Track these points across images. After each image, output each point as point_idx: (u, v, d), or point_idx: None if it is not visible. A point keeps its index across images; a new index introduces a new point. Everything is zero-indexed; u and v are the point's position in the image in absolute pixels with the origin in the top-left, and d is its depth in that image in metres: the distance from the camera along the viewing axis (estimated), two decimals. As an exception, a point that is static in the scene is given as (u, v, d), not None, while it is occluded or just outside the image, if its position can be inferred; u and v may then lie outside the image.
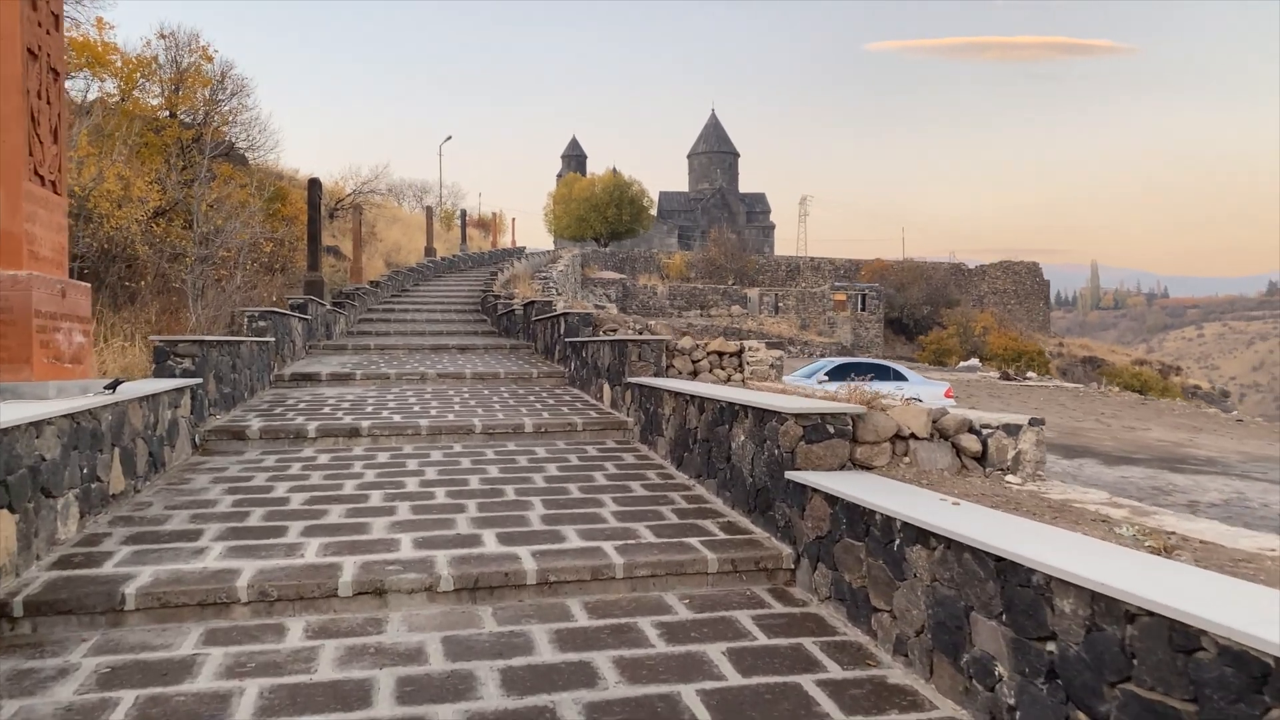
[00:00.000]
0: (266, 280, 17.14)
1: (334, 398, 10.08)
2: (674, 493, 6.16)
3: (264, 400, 9.82)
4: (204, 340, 7.80)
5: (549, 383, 11.87)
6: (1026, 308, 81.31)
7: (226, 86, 19.25)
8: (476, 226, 61.84)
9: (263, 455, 7.38)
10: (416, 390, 10.90)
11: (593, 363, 10.28)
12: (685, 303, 64.28)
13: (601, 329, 12.21)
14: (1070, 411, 27.19)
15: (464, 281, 32.36)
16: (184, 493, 6.03)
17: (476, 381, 11.79)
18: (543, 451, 7.65)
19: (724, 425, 5.83)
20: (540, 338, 14.95)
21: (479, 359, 14.06)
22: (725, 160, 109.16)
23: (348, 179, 38.75)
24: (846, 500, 4.12)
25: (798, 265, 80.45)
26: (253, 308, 11.33)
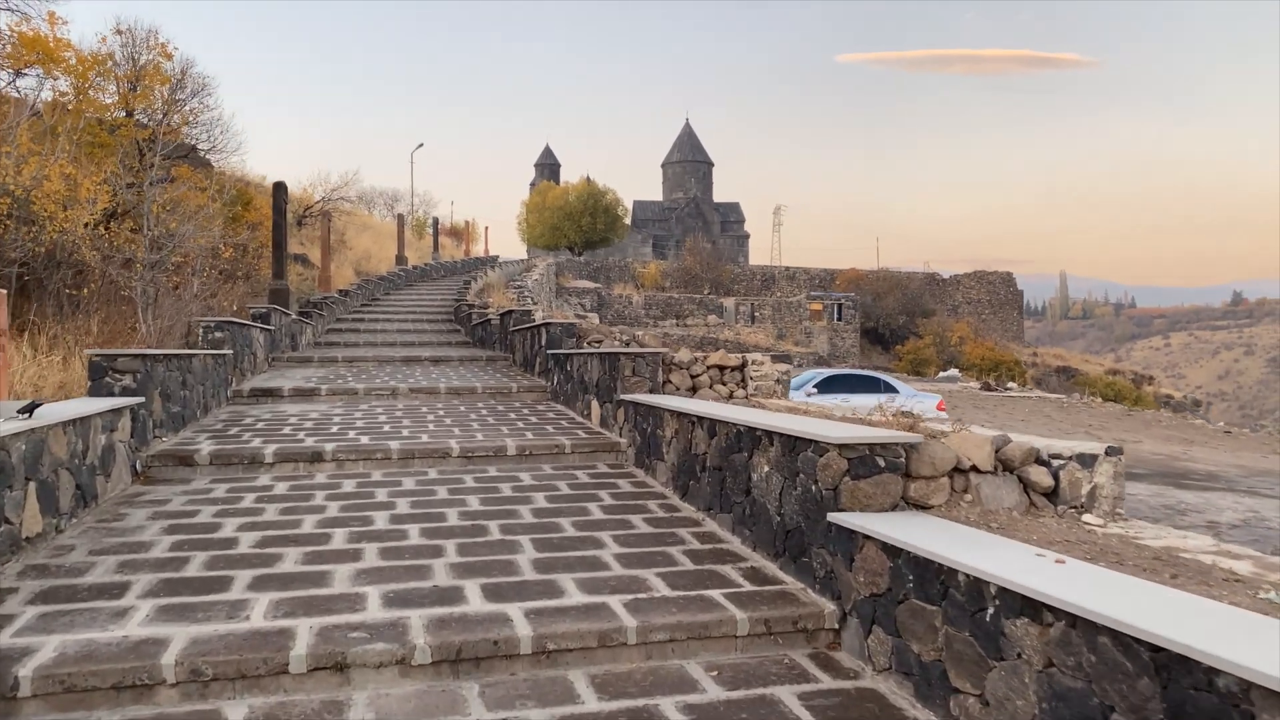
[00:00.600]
0: (228, 289, 16.21)
1: (296, 416, 9.22)
2: (682, 529, 5.40)
3: (219, 419, 8.94)
4: (147, 354, 6.94)
5: (530, 398, 11.08)
6: (1001, 317, 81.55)
7: (186, 85, 18.29)
8: (449, 235, 60.85)
9: (212, 484, 6.53)
10: (387, 407, 10.07)
11: (579, 377, 9.51)
12: (661, 312, 63.65)
13: (586, 340, 11.44)
14: (1057, 423, 26.75)
15: (436, 290, 31.46)
16: (115, 532, 5.18)
17: (452, 397, 10.96)
18: (528, 478, 6.86)
19: (741, 453, 5.07)
20: (519, 349, 14.15)
21: (454, 372, 13.23)
22: (699, 169, 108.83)
23: (316, 185, 37.68)
24: (915, 554, 3.39)
25: (773, 275, 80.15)
26: (209, 318, 10.44)
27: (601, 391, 8.43)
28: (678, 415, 6.25)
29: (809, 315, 63.91)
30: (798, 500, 4.35)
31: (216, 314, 14.02)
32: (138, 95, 16.83)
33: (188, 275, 12.69)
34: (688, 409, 6.02)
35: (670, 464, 6.40)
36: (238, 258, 20.12)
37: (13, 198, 10.28)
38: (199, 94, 18.71)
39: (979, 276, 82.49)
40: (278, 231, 18.52)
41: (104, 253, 11.11)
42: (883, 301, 70.38)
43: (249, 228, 21.90)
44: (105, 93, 17.35)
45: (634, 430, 7.38)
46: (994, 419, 27.20)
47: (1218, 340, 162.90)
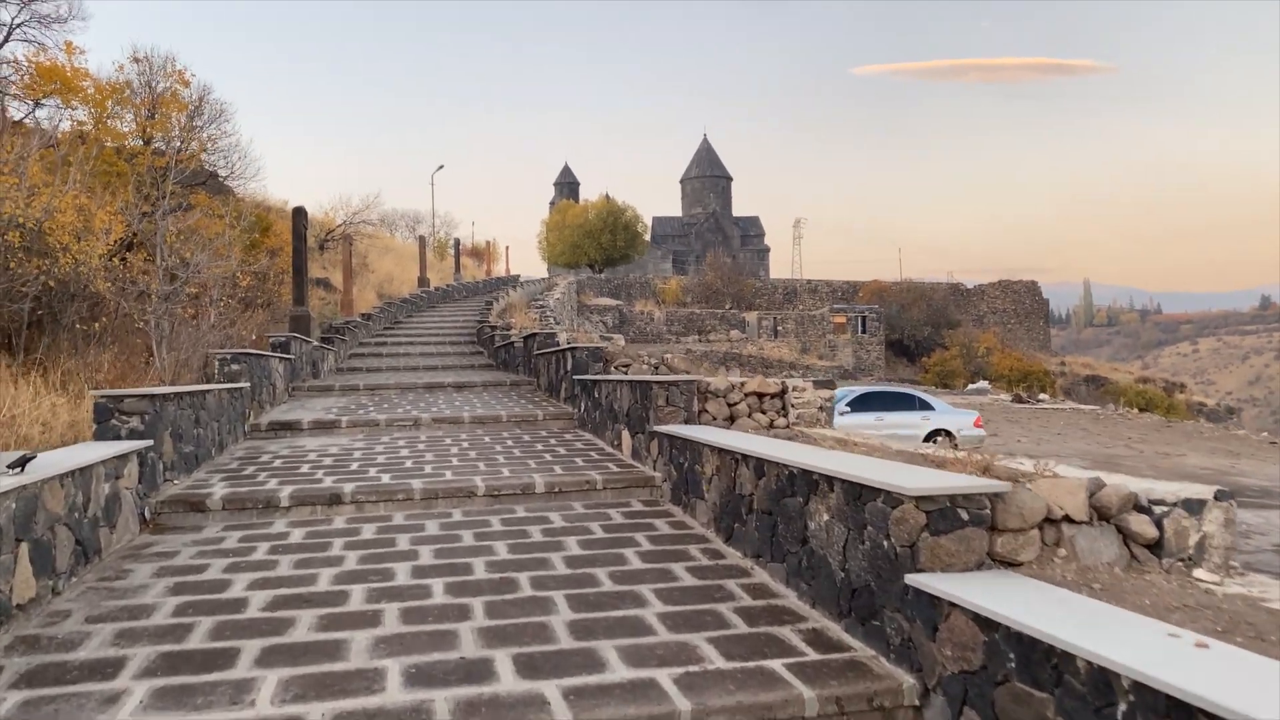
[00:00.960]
0: (247, 317, 15.94)
1: (315, 451, 8.84)
2: (730, 581, 4.93)
3: (234, 457, 8.57)
4: (155, 394, 6.57)
5: (556, 426, 10.65)
6: (1026, 327, 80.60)
7: (204, 111, 18.13)
8: (470, 255, 60.87)
9: (224, 532, 6.14)
10: (409, 439, 9.67)
11: (608, 405, 9.07)
12: (683, 328, 63.20)
13: (613, 364, 11.02)
14: (1095, 436, 25.99)
15: (459, 312, 31.22)
16: (116, 593, 4.79)
17: (476, 426, 10.56)
18: (559, 519, 6.42)
19: (795, 497, 4.61)
20: (543, 373, 13.75)
21: (477, 399, 12.85)
22: (718, 184, 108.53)
23: (338, 209, 37.65)
24: (1014, 630, 2.91)
25: (794, 288, 79.62)
26: (224, 350, 10.11)
27: (633, 421, 7.99)
28: (719, 451, 5.79)
29: (832, 328, 63.27)
30: (866, 556, 3.88)
31: (235, 344, 13.72)
32: (155, 123, 16.66)
33: (205, 305, 12.39)
34: (730, 445, 5.56)
35: (711, 503, 5.94)
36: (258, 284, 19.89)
37: (24, 230, 10.01)
38: (216, 120, 18.54)
39: (1004, 286, 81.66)
40: (298, 257, 18.26)
41: (120, 285, 10.83)
42: (907, 313, 69.67)
43: (269, 254, 21.70)
44: (123, 121, 17.20)
45: (669, 464, 6.93)
46: (1029, 433, 26.49)
47: (1247, 345, 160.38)
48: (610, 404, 8.96)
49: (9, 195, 10.01)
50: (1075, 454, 21.55)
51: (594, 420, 9.81)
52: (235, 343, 13.74)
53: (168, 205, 11.42)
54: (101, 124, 17.38)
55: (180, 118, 17.32)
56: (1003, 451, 17.77)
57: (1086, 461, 19.72)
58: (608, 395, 9.09)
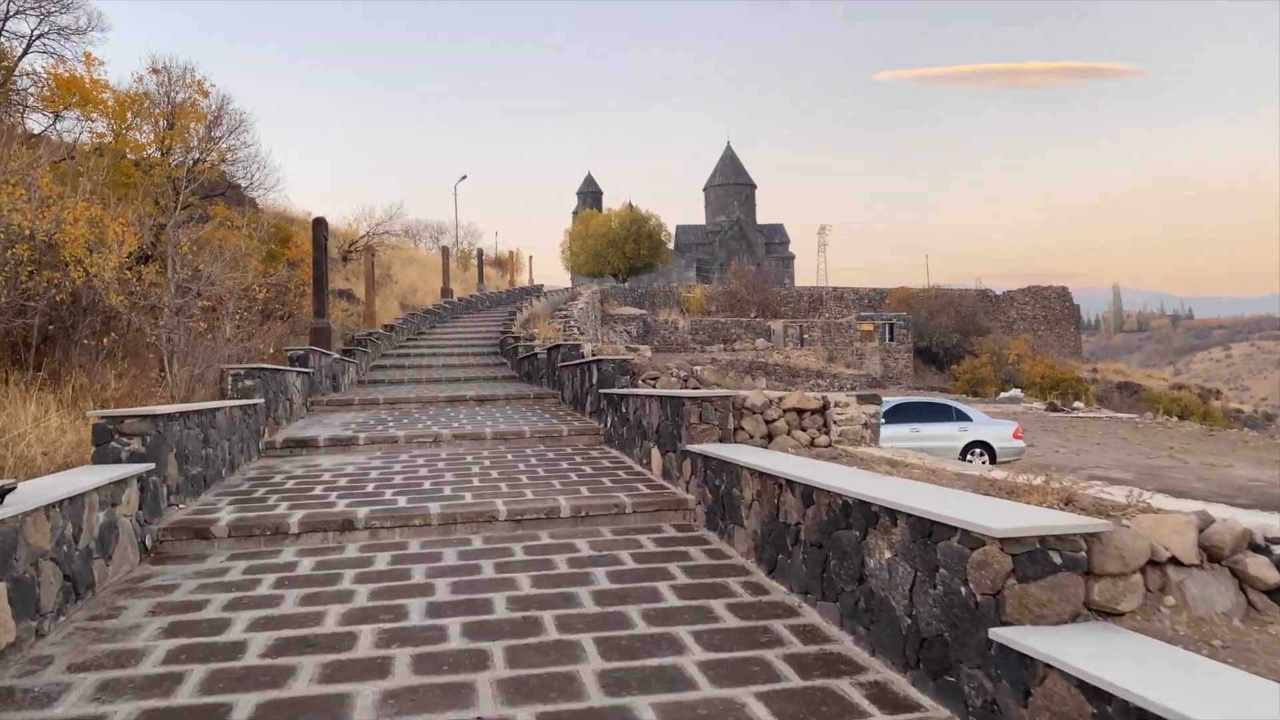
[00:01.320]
0: (265, 330, 15.66)
1: (330, 471, 8.46)
2: (776, 622, 4.46)
3: (246, 478, 8.20)
4: (158, 414, 6.20)
5: (582, 442, 10.22)
6: (1057, 333, 79.52)
7: (223, 122, 17.92)
8: (493, 265, 60.73)
9: (229, 562, 5.74)
10: (429, 457, 9.27)
11: (636, 421, 8.62)
12: (708, 337, 62.77)
13: (641, 377, 10.57)
14: (1136, 446, 25.24)
15: (482, 322, 30.93)
16: (105, 635, 4.39)
17: (498, 443, 10.14)
18: (586, 547, 5.97)
19: (850, 529, 4.14)
20: (568, 385, 13.33)
21: (500, 413, 12.44)
22: (742, 192, 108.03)
23: (361, 220, 37.57)
24: (1134, 705, 2.43)
25: (820, 296, 78.99)
26: (238, 365, 9.76)
27: (663, 439, 7.53)
28: (760, 475, 5.32)
29: (860, 336, 62.58)
30: (938, 602, 3.40)
31: (253, 358, 13.42)
32: (173, 133, 16.44)
33: (221, 318, 12.08)
34: (773, 468, 5.09)
35: (751, 531, 5.47)
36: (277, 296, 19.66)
37: (33, 243, 9.73)
38: (235, 130, 18.33)
39: (1033, 292, 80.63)
40: (318, 268, 17.98)
41: (134, 298, 10.53)
42: (935, 320, 68.83)
43: (289, 265, 21.48)
44: (141, 132, 17.02)
45: (703, 486, 6.46)
46: (1066, 443, 25.77)
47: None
48: (639, 420, 8.51)
49: (17, 207, 9.74)
50: (1116, 465, 20.85)
51: (621, 436, 9.36)
52: (253, 357, 13.44)
53: (178, 216, 11.08)
54: (121, 136, 17.22)
55: (199, 128, 17.11)
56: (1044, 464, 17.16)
57: (1130, 473, 19.04)
58: (636, 410, 8.65)
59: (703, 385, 10.59)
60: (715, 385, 10.65)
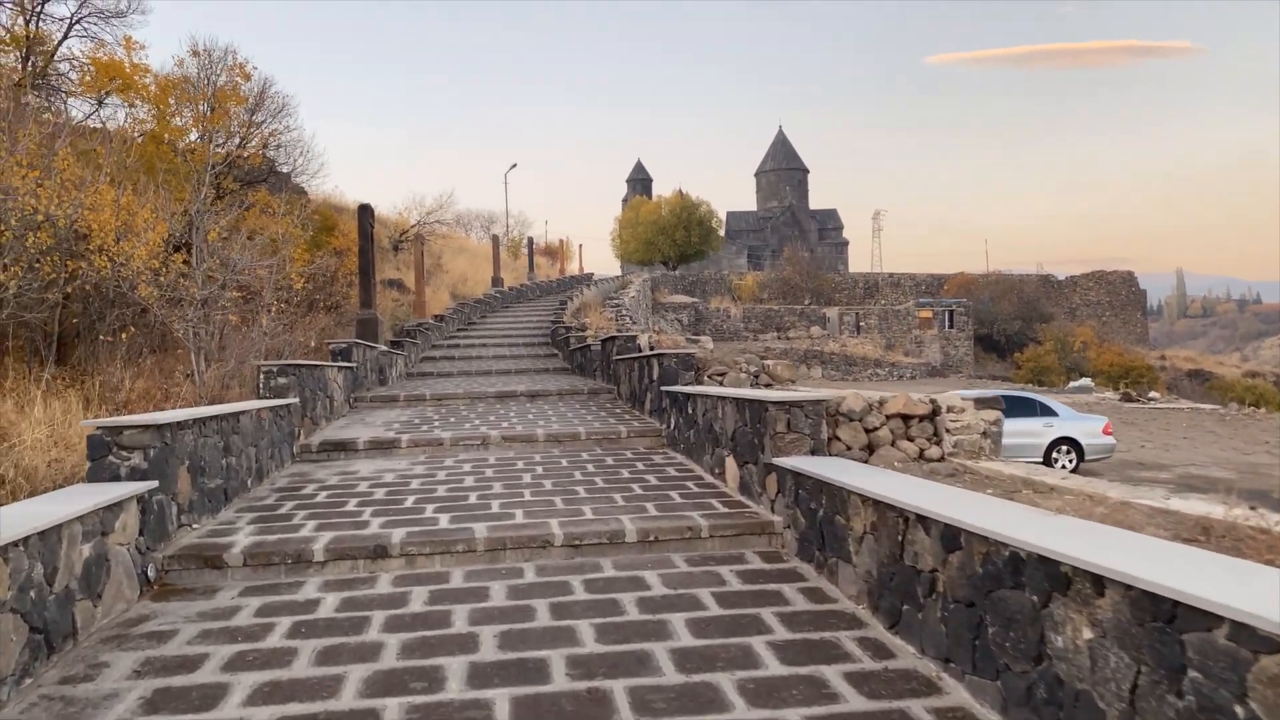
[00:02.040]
0: (308, 321, 14.97)
1: (368, 480, 7.62)
2: (915, 702, 3.45)
3: (274, 488, 7.40)
4: (163, 423, 5.38)
5: (643, 445, 9.28)
6: (1123, 319, 76.88)
7: (265, 105, 17.26)
8: (544, 254, 60.16)
9: (241, 599, 4.90)
10: (476, 463, 8.40)
11: (706, 424, 7.65)
12: (760, 325, 61.57)
13: (706, 373, 9.60)
14: (1229, 441, 23.58)
15: (532, 312, 30.18)
16: (73, 708, 3.55)
17: (551, 445, 9.25)
18: (657, 582, 5.02)
19: (1021, 590, 3.13)
20: (624, 380, 12.40)
21: (553, 411, 11.55)
22: (794, 177, 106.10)
23: (411, 209, 37.07)
24: None
25: (876, 282, 77.22)
26: (270, 362, 8.98)
27: (741, 448, 6.55)
28: (876, 504, 4.32)
29: (918, 323, 60.84)
30: (1185, 716, 2.38)
31: (294, 352, 12.70)
32: (213, 117, 15.81)
33: (257, 310, 11.35)
34: (896, 498, 4.08)
35: (863, 571, 4.47)
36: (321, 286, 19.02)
37: (55, 228, 9.05)
38: (278, 114, 17.67)
39: (1097, 277, 78.02)
40: (364, 257, 17.27)
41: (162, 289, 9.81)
42: (996, 307, 66.75)
43: (336, 254, 20.85)
44: (181, 117, 16.43)
45: (794, 508, 5.47)
46: (1150, 438, 24.20)
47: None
48: (709, 423, 7.53)
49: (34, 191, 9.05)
50: (1213, 462, 19.31)
51: (686, 440, 8.39)
52: (294, 351, 12.73)
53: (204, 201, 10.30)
54: (163, 121, 16.66)
55: (240, 111, 16.47)
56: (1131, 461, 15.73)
57: (1229, 471, 17.56)
58: (705, 413, 7.67)
59: (775, 382, 9.58)
60: (789, 382, 9.64)
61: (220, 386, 10.31)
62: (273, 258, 11.62)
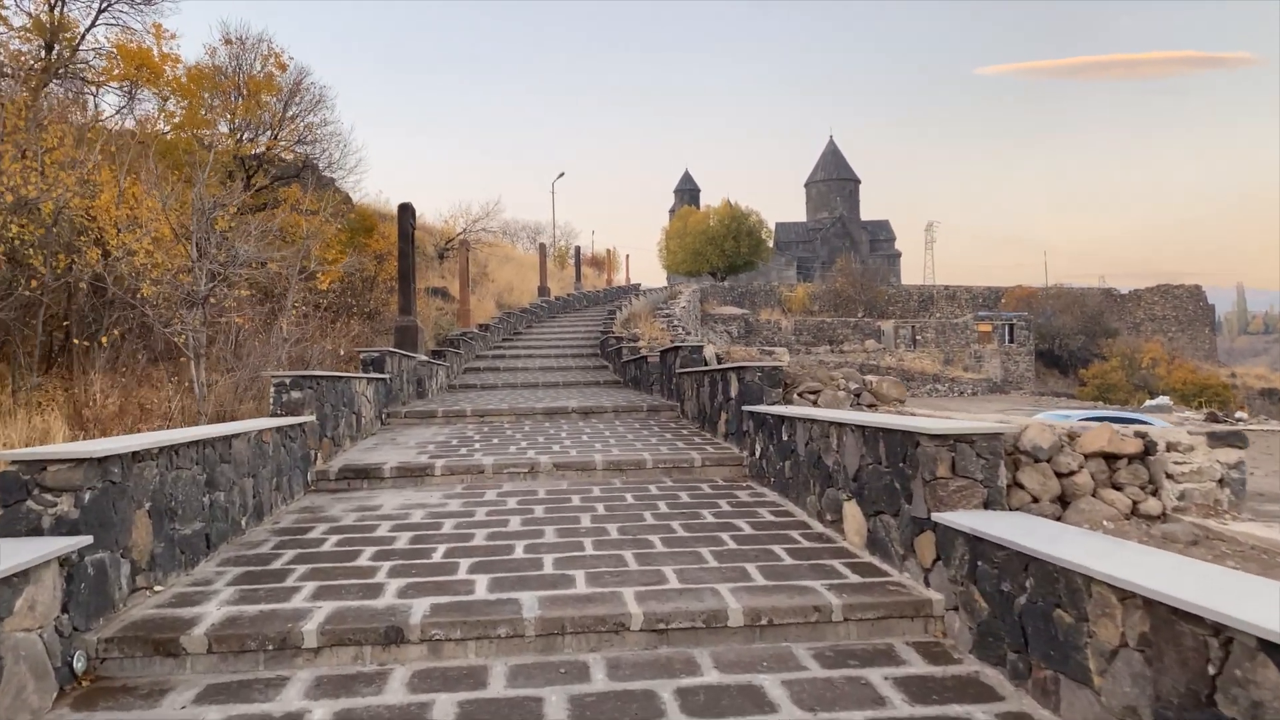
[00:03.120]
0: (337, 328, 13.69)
1: (391, 520, 6.19)
2: None
3: (275, 529, 5.99)
4: (106, 456, 3.98)
5: (720, 476, 7.75)
6: (1190, 335, 73.81)
7: (301, 97, 16.08)
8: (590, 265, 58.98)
9: (195, 709, 3.46)
10: (523, 498, 6.93)
11: (809, 456, 6.11)
12: (812, 338, 59.75)
13: (795, 390, 8.05)
14: (1348, 469, 21.38)
15: (580, 322, 28.84)
16: None
17: (612, 475, 7.75)
18: (784, 699, 3.48)
19: None
20: (690, 397, 10.88)
21: (610, 430, 10.07)
22: (845, 188, 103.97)
23: (458, 217, 36.06)
24: None
25: (931, 294, 74.99)
26: (284, 373, 7.61)
27: (871, 493, 4.99)
28: (1152, 605, 2.75)
29: (977, 337, 58.57)
30: None
31: (321, 361, 11.38)
32: (241, 105, 14.64)
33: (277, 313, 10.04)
34: (1205, 606, 2.51)
35: (1120, 705, 2.90)
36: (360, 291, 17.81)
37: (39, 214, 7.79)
38: (315, 107, 16.48)
39: (1163, 291, 75.10)
40: (404, 260, 16.00)
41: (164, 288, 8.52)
42: (1058, 321, 64.22)
43: (376, 259, 19.66)
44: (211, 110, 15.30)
45: (967, 584, 3.91)
46: (1256, 463, 22.02)
47: None
48: (814, 455, 5.98)
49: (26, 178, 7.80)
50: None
51: (779, 474, 6.84)
52: (322, 360, 11.42)
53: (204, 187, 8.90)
54: (193, 113, 15.56)
55: (273, 102, 15.29)
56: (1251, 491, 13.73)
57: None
58: (810, 442, 6.12)
59: (881, 402, 8.00)
60: (897, 402, 8.05)
61: (234, 400, 9.00)
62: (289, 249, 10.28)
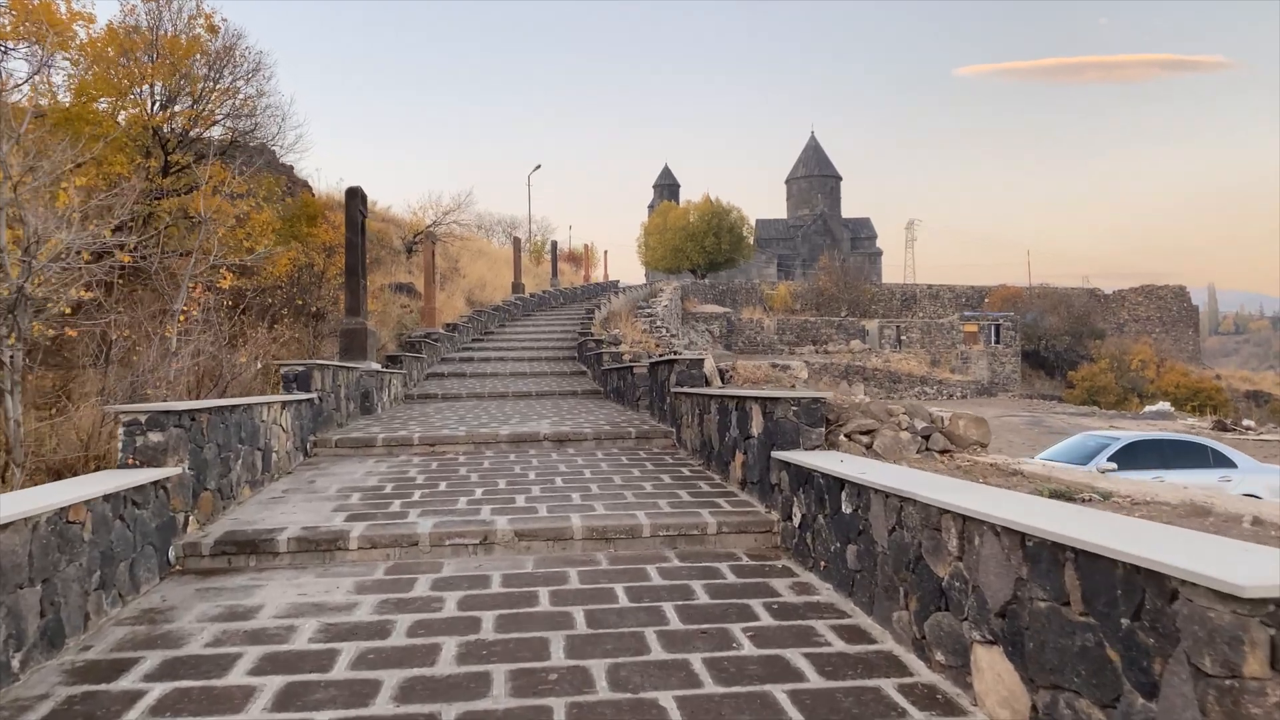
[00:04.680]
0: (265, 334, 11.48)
1: (260, 651, 4.04)
2: None
3: (64, 676, 3.83)
4: None
5: (745, 549, 5.68)
6: (1174, 336, 72.99)
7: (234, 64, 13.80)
8: (567, 260, 56.81)
9: None
10: (468, 595, 4.80)
11: (901, 552, 4.05)
12: (796, 337, 58.01)
13: (843, 428, 6.00)
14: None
15: (556, 321, 26.75)
16: None
17: (595, 547, 5.66)
18: None
19: None
20: (689, 423, 8.83)
21: (590, 467, 7.98)
22: (826, 184, 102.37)
23: (427, 209, 33.79)
24: None
25: (914, 294, 73.61)
26: (135, 406, 5.44)
27: (1048, 655, 2.95)
28: None
29: (963, 338, 57.06)
30: None
31: (233, 377, 9.19)
32: (153, 69, 12.35)
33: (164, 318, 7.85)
34: None
35: None
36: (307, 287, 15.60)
37: None
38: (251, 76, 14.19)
39: (1147, 291, 74.25)
40: (352, 253, 13.84)
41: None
42: (1045, 321, 62.91)
43: (326, 251, 17.42)
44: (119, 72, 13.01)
45: None
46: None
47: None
48: (910, 552, 3.93)
49: None
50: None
51: (834, 558, 4.77)
52: (233, 377, 9.22)
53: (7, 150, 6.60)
54: (103, 79, 13.27)
55: (198, 66, 12.99)
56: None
57: None
58: (899, 529, 4.06)
59: (957, 445, 5.97)
60: (976, 445, 6.02)
61: (105, 438, 6.81)
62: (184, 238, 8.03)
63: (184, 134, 12.87)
